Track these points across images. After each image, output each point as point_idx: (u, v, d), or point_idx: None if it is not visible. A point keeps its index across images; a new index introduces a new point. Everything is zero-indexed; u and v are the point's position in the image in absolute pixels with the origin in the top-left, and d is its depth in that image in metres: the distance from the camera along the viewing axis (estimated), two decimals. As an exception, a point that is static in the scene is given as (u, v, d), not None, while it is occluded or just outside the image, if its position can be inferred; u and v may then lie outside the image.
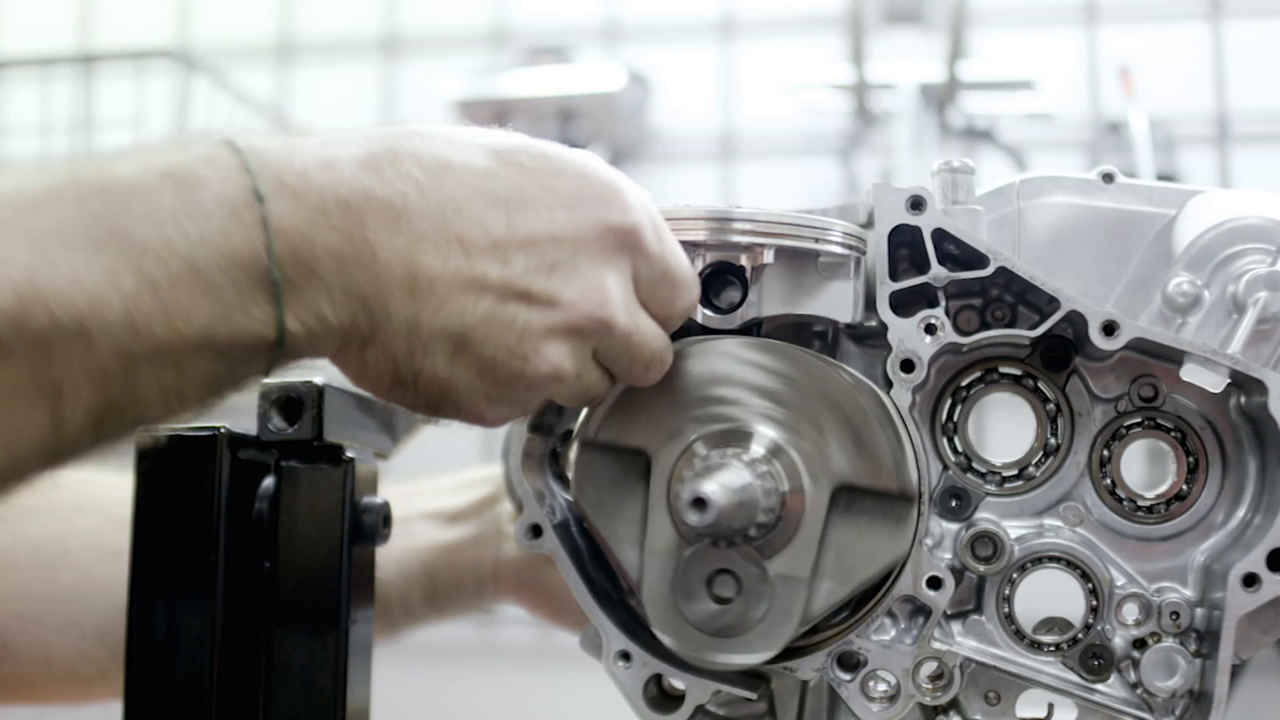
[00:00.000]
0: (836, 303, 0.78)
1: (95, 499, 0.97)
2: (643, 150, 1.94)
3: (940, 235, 0.78)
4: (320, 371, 0.80)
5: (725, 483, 0.66)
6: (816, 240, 0.77)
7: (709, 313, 0.77)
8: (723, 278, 0.77)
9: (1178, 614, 0.78)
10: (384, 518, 0.83)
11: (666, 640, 0.74)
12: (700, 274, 0.76)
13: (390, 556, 0.97)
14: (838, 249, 0.78)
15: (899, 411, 0.76)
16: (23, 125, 1.76)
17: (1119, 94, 1.74)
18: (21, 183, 0.57)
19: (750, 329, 0.78)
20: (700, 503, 0.64)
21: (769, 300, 0.77)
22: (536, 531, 0.83)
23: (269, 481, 0.80)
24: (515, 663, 1.91)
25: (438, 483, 1.07)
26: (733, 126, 1.95)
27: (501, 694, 1.92)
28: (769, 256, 0.76)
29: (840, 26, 1.83)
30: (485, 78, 1.90)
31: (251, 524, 0.79)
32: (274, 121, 1.97)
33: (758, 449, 0.74)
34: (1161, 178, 1.53)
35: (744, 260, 0.76)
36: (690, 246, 0.76)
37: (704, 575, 0.72)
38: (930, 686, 0.78)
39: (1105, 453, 0.81)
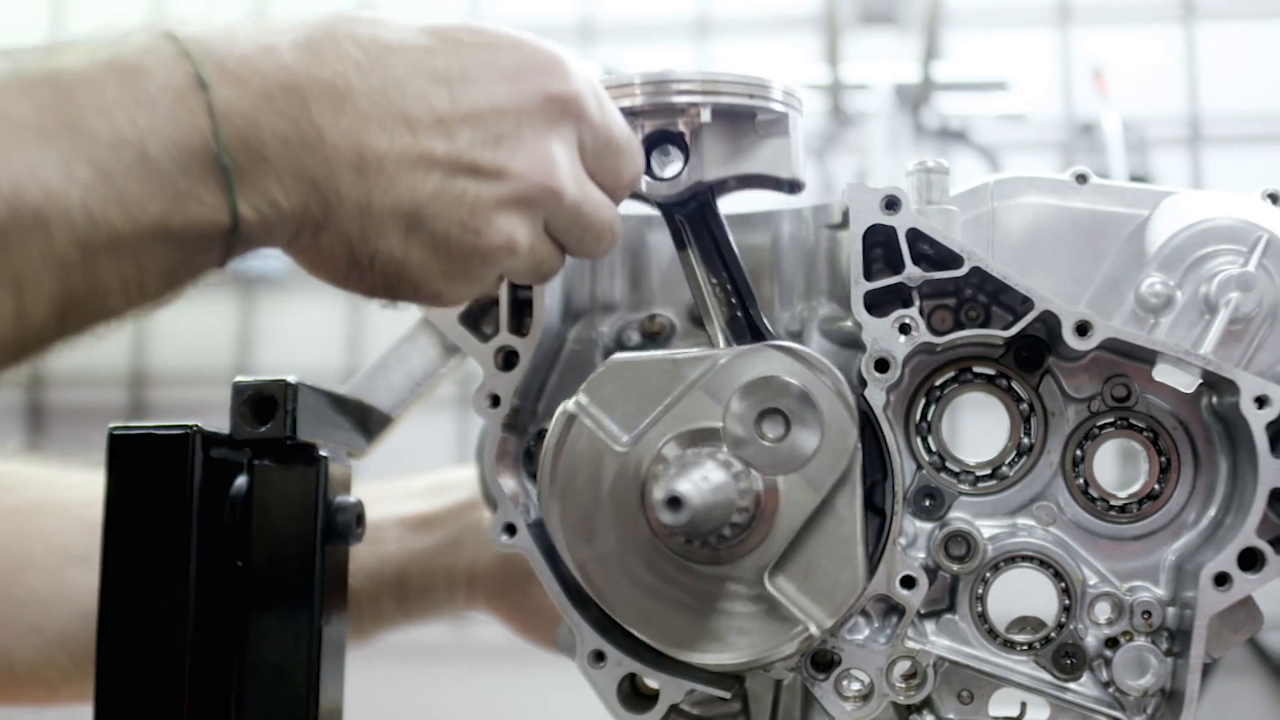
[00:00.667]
0: (776, 160, 0.79)
1: (59, 500, 0.96)
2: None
3: (915, 235, 0.78)
4: (294, 371, 0.79)
5: (699, 480, 0.66)
6: (751, 96, 0.77)
7: (651, 180, 0.78)
8: (663, 148, 0.78)
9: (1149, 613, 0.78)
10: (357, 517, 0.83)
11: None
12: (641, 144, 0.77)
13: (361, 562, 0.96)
14: (775, 105, 0.78)
15: None
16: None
17: (1092, 95, 1.75)
18: None
19: (695, 196, 0.79)
20: (675, 502, 0.64)
21: (710, 163, 0.78)
22: (511, 530, 0.83)
23: (242, 480, 0.80)
24: (491, 663, 1.90)
25: (410, 484, 1.06)
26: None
27: (477, 694, 1.91)
28: (706, 115, 0.77)
29: (815, 27, 1.84)
30: (460, 76, 1.90)
31: (224, 523, 0.79)
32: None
33: (734, 448, 0.74)
34: (1134, 179, 1.54)
35: (682, 125, 0.77)
36: (629, 115, 0.76)
37: (754, 428, 0.73)
38: (904, 685, 0.78)
39: (1078, 452, 0.81)
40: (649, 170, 0.78)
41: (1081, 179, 0.83)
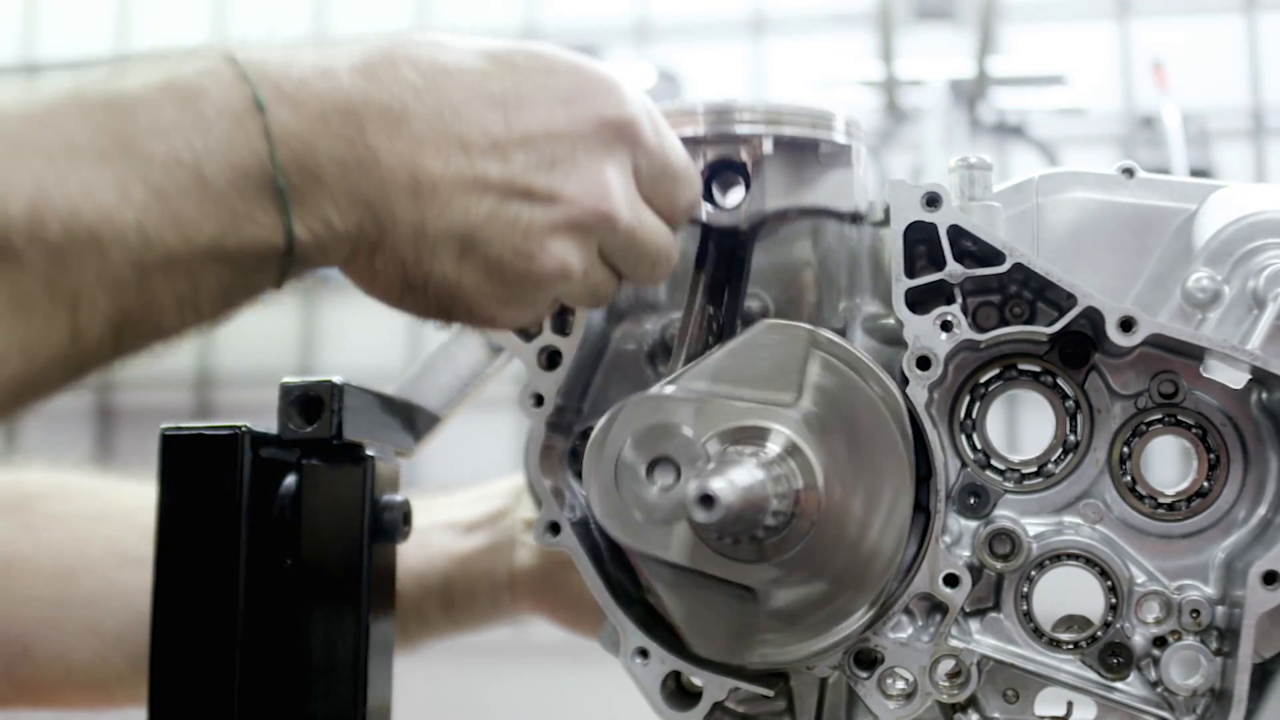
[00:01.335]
0: (838, 192, 0.80)
1: (118, 506, 0.98)
2: (673, 149, 1.94)
3: (956, 232, 0.78)
4: (356, 372, 0.81)
5: (734, 480, 0.66)
6: (814, 127, 0.77)
7: (711, 209, 0.78)
8: (725, 175, 0.78)
9: (1198, 612, 0.77)
10: (404, 515, 0.84)
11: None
12: (702, 173, 0.77)
13: (406, 567, 0.97)
14: (837, 137, 0.78)
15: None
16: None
17: (1152, 88, 1.72)
18: (26, 98, 0.59)
19: (757, 226, 0.79)
20: (708, 500, 0.64)
21: (771, 193, 0.78)
22: (554, 529, 0.83)
23: (291, 480, 0.81)
24: (550, 661, 1.91)
25: (455, 496, 1.07)
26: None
27: (537, 692, 1.92)
28: (768, 146, 0.77)
29: (871, 23, 1.83)
30: (516, 78, 1.91)
31: (274, 521, 0.80)
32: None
33: (773, 447, 0.74)
34: (1195, 172, 1.52)
35: (744, 155, 0.77)
36: (691, 144, 0.77)
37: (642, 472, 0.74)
38: (947, 684, 0.78)
39: (1125, 449, 0.80)
40: (710, 198, 0.78)
41: (1128, 173, 0.82)
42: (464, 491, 1.08)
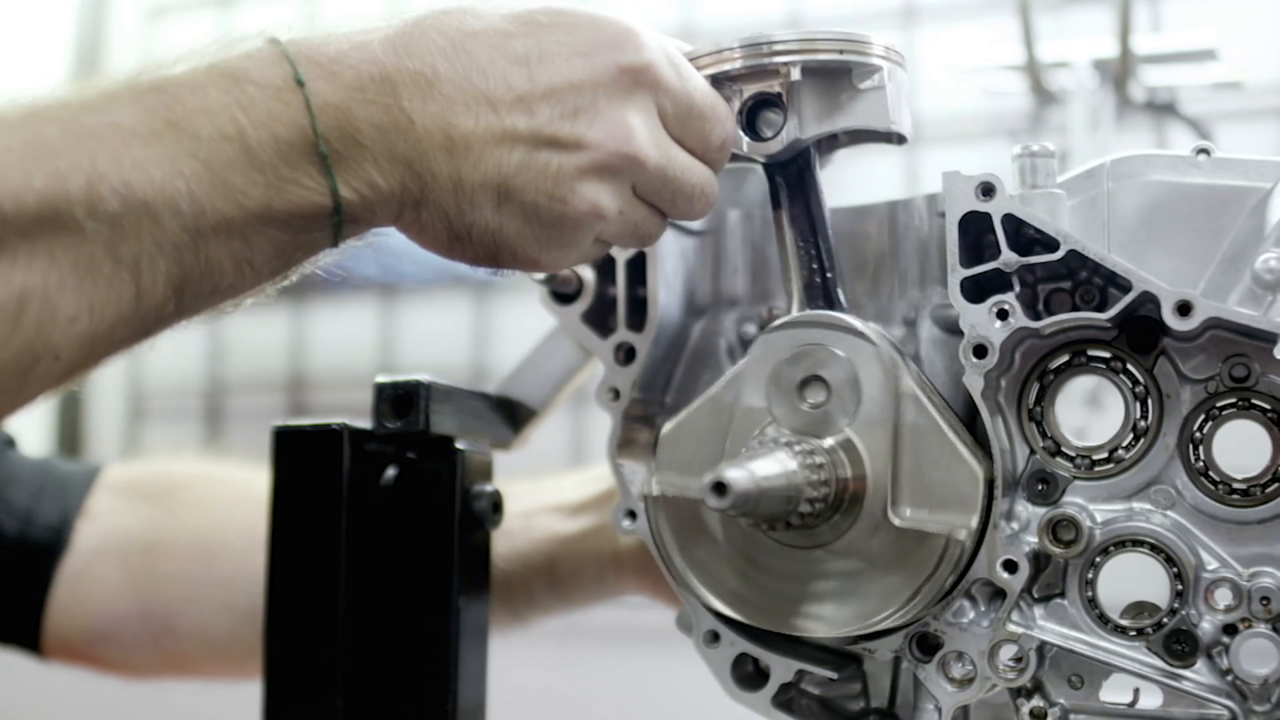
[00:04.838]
0: (873, 112, 0.81)
1: (253, 495, 1.06)
2: (824, 140, 1.94)
3: (1013, 221, 0.78)
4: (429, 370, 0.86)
5: (756, 470, 0.69)
6: (842, 52, 0.79)
7: (750, 140, 0.81)
8: (763, 111, 0.81)
9: (1269, 599, 0.75)
10: (494, 504, 0.89)
11: None
12: (740, 109, 0.80)
13: (513, 548, 1.03)
14: (869, 59, 0.80)
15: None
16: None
17: (1317, 58, 1.65)
18: (83, 89, 0.66)
19: (799, 156, 0.81)
20: (720, 487, 0.66)
21: (808, 120, 0.80)
22: (631, 516, 0.87)
23: (391, 471, 0.87)
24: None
25: (562, 480, 1.12)
26: (915, 112, 1.94)
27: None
28: (796, 74, 0.79)
29: (1021, 7, 1.79)
30: (669, 77, 1.95)
31: (376, 509, 0.86)
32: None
33: (827, 440, 0.77)
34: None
35: (778, 86, 0.80)
36: (726, 80, 0.80)
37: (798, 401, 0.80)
38: (1007, 669, 0.79)
39: (1197, 434, 0.79)
40: (753, 131, 0.81)
41: (1204, 153, 0.81)
42: (570, 475, 1.13)
